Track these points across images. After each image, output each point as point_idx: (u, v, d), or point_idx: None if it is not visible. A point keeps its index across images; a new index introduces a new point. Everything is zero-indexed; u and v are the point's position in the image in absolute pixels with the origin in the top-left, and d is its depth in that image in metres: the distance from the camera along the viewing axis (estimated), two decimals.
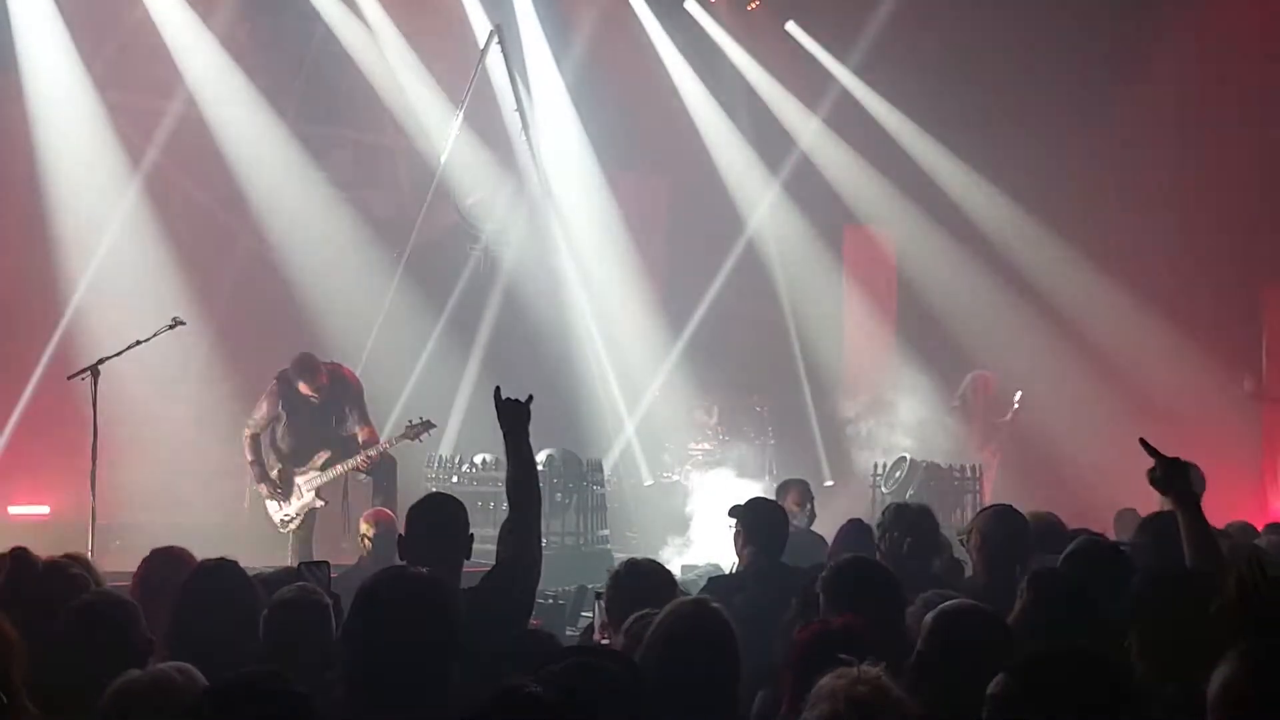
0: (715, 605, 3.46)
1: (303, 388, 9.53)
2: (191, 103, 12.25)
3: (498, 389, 4.46)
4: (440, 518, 4.32)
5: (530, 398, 4.42)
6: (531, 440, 4.43)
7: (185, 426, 11.78)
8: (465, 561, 4.43)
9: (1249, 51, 12.88)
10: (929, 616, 3.45)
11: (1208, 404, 12.86)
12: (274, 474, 9.68)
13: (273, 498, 9.66)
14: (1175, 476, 4.12)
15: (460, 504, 4.46)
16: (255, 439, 9.72)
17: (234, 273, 12.81)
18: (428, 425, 9.84)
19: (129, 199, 11.97)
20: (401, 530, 4.47)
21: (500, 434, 4.42)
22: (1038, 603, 3.84)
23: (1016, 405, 13.11)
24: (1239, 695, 2.02)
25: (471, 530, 4.40)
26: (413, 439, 9.84)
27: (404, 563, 4.20)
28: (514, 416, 4.39)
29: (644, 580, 4.33)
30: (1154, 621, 3.46)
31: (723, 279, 14.65)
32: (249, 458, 9.75)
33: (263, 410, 9.71)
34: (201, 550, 4.54)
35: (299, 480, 9.66)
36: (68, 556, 4.51)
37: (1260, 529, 6.72)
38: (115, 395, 9.23)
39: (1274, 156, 13.14)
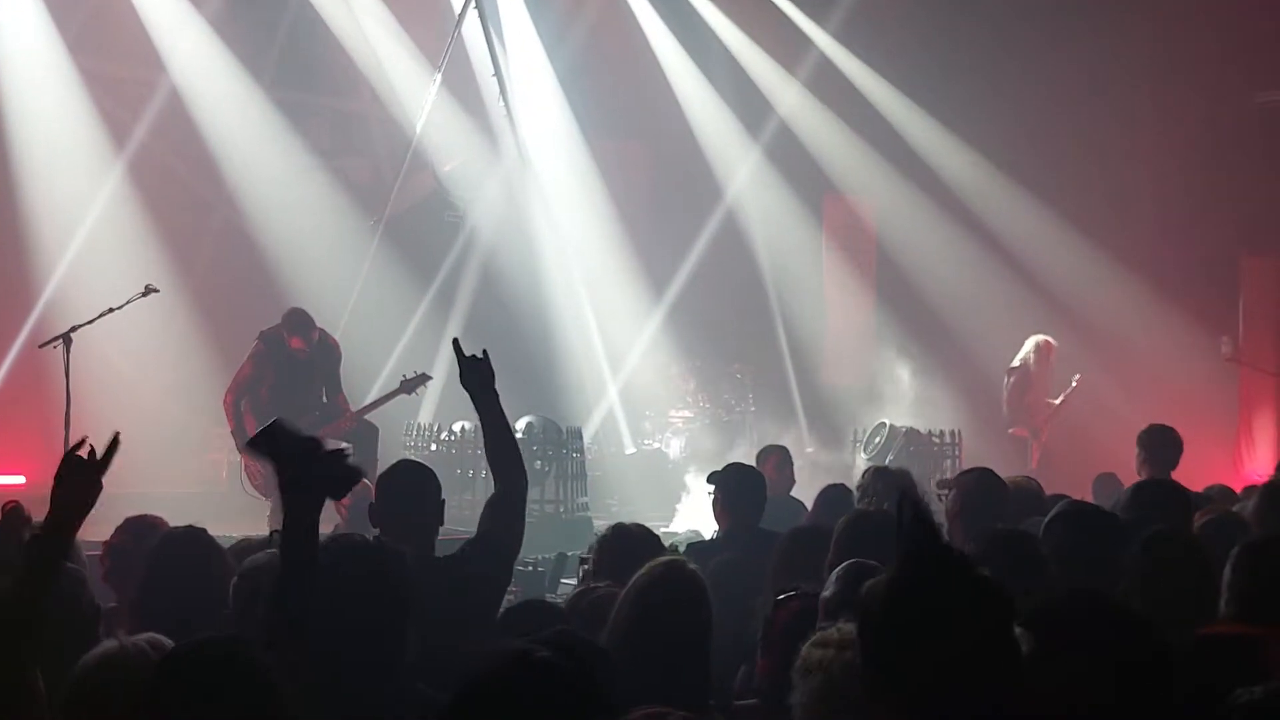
0: (690, 565, 3.46)
1: (296, 342, 9.29)
2: (167, 71, 12.13)
3: (455, 340, 4.34)
4: (410, 485, 4.27)
5: (485, 352, 4.27)
6: (511, 408, 4.34)
7: (162, 396, 11.72)
8: (439, 528, 4.39)
9: (1228, 16, 12.86)
10: None
11: (1187, 368, 12.91)
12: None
13: (255, 461, 9.48)
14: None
15: (431, 471, 4.41)
16: (236, 404, 9.43)
17: (210, 242, 12.74)
18: (424, 378, 9.69)
19: (104, 168, 11.87)
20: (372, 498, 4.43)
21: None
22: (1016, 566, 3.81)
23: (1074, 386, 12.36)
24: (866, 606, 2.07)
25: (443, 497, 4.35)
26: (409, 393, 9.73)
27: (376, 530, 4.18)
28: (478, 376, 4.25)
29: (632, 543, 4.29)
30: (1153, 579, 3.46)
31: (702, 246, 14.61)
32: (230, 424, 9.57)
33: (246, 371, 9.44)
34: (177, 520, 4.51)
35: None
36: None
37: (1238, 491, 6.74)
38: (91, 365, 9.17)
39: (1252, 122, 13.15)
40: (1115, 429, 11.85)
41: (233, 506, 9.71)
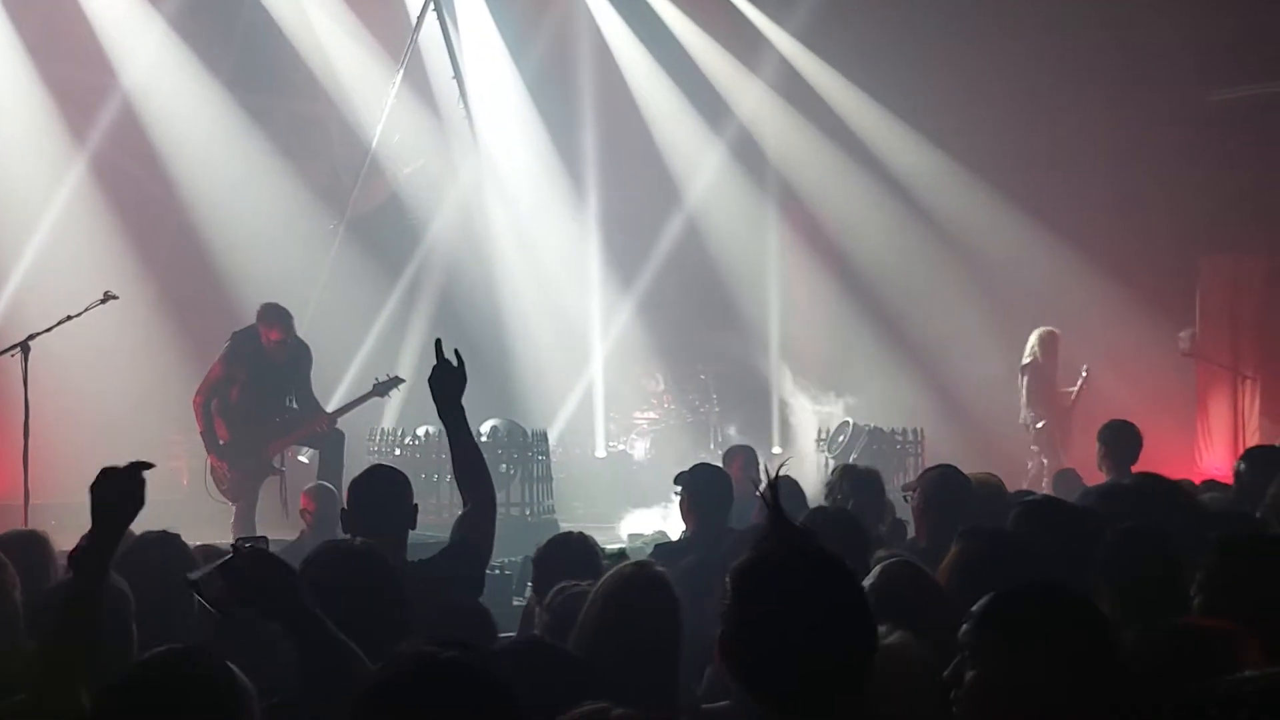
0: (658, 568, 3.46)
1: (275, 334, 9.13)
2: (124, 74, 12.02)
3: (439, 341, 4.31)
4: (383, 489, 4.27)
5: (460, 358, 4.25)
6: (476, 411, 4.34)
7: (122, 404, 11.60)
8: (410, 533, 4.38)
9: (1184, 16, 12.99)
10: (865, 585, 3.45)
11: (1146, 363, 13.05)
12: (222, 442, 9.27)
13: (223, 464, 9.33)
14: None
15: (404, 476, 4.41)
16: (206, 405, 9.24)
17: (168, 247, 12.62)
18: (396, 380, 9.61)
19: (61, 174, 11.75)
20: (344, 504, 4.41)
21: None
22: (964, 559, 3.82)
23: (1085, 375, 12.29)
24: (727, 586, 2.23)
25: (415, 501, 4.35)
26: (382, 395, 9.66)
27: (347, 535, 4.16)
28: (447, 383, 4.23)
29: (567, 552, 4.32)
30: (1127, 574, 3.49)
31: (666, 247, 14.63)
32: (199, 426, 9.37)
33: (216, 372, 9.26)
34: (140, 528, 4.45)
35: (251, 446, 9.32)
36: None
37: (1197, 484, 6.81)
38: (49, 373, 9.05)
39: (1209, 121, 13.30)
40: (1075, 423, 11.99)
41: (195, 514, 9.59)
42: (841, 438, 12.17)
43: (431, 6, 12.61)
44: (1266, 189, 12.85)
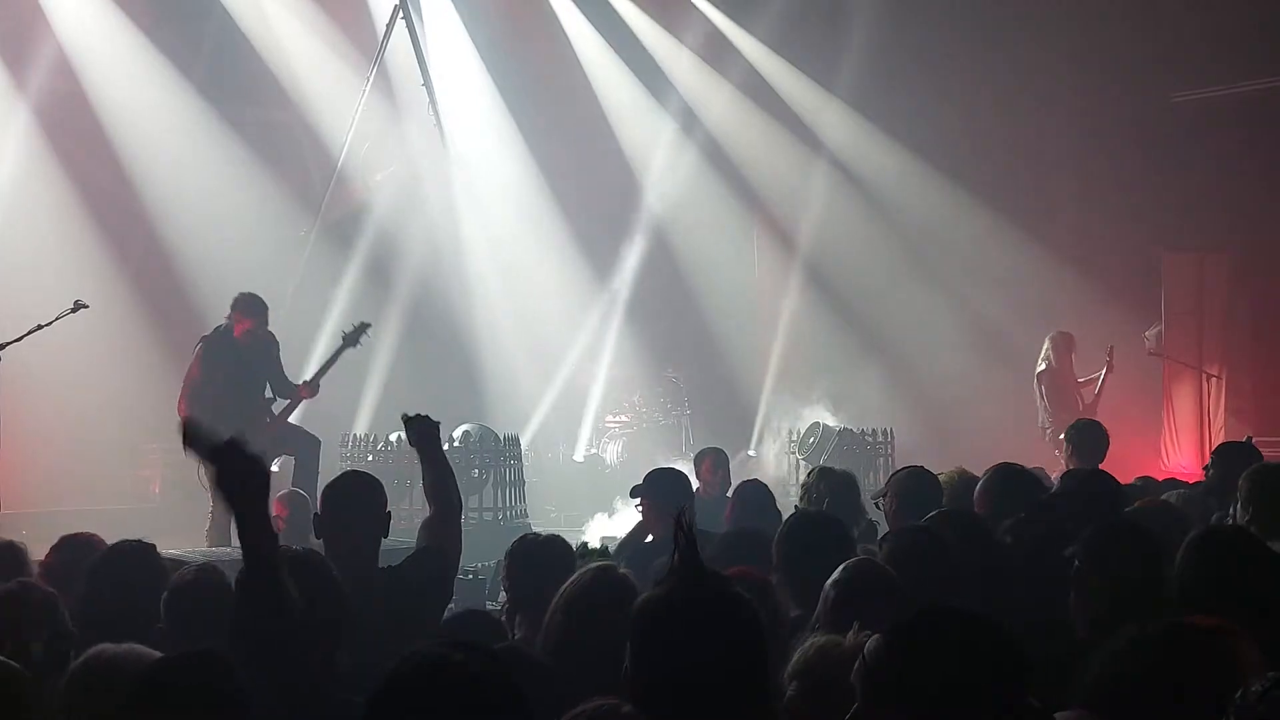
0: (620, 569, 3.48)
1: (248, 324, 9.04)
2: (94, 82, 11.98)
3: (404, 416, 4.62)
4: (356, 495, 4.28)
5: (430, 419, 4.55)
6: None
7: (93, 413, 11.55)
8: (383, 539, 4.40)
9: (1147, 17, 13.12)
10: (828, 584, 3.49)
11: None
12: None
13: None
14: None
15: (377, 481, 4.43)
16: (192, 407, 8.94)
17: (138, 255, 12.57)
18: (364, 327, 9.50)
19: (28, 184, 11.69)
20: (317, 509, 4.43)
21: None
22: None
23: (1109, 359, 12.14)
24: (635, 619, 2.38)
25: (389, 509, 4.37)
26: (354, 345, 9.57)
27: (319, 541, 4.18)
28: (424, 433, 4.48)
29: (540, 553, 4.26)
30: (1101, 572, 3.53)
31: (638, 251, 14.68)
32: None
33: (194, 374, 9.09)
34: (112, 538, 4.47)
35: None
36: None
37: (1161, 482, 6.90)
38: (19, 382, 9.02)
39: (1172, 122, 13.43)
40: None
41: (166, 522, 9.60)
42: (812, 439, 12.23)
43: (400, 15, 12.61)
44: (1230, 188, 12.99)
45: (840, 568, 3.49)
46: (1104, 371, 12.22)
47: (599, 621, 3.22)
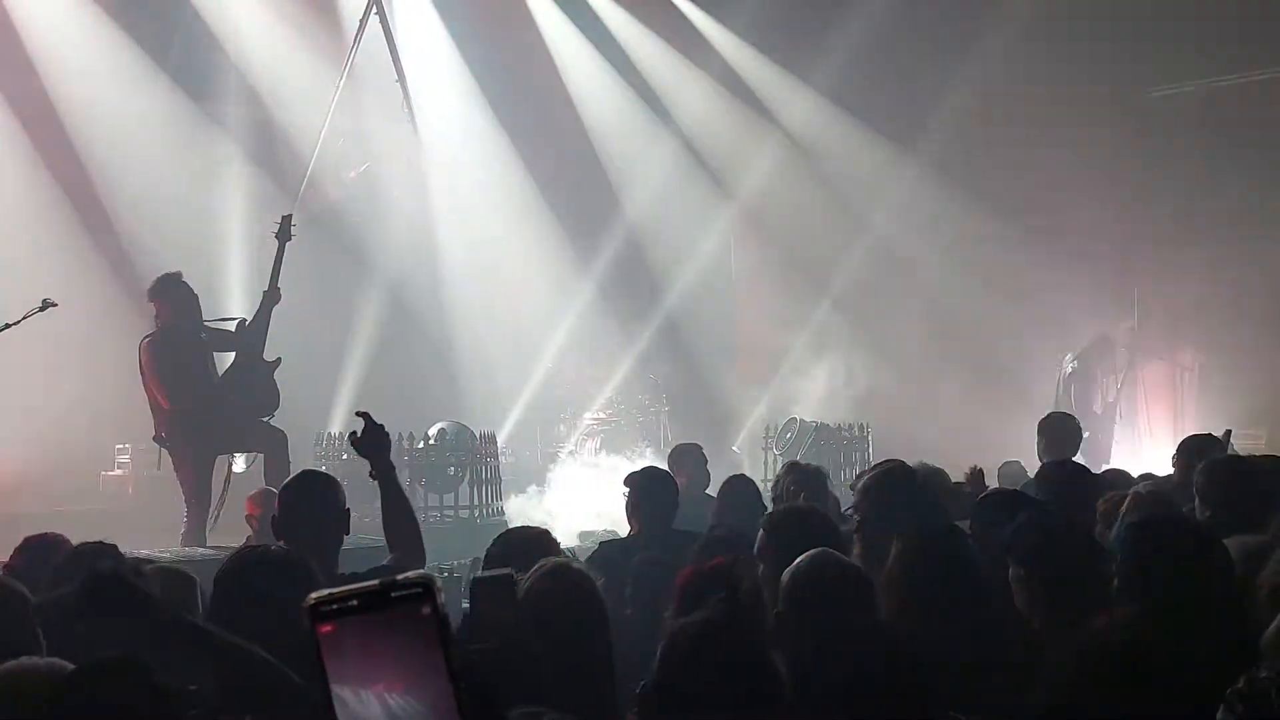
0: (575, 565, 3.44)
1: (168, 305, 8.59)
2: (63, 80, 11.87)
3: (362, 413, 4.38)
4: (313, 495, 4.21)
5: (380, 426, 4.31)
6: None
7: (65, 414, 11.44)
8: (351, 538, 4.35)
9: (1125, 13, 13.17)
10: (786, 574, 3.41)
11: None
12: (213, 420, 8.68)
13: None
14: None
15: (334, 480, 4.36)
16: (177, 409, 8.63)
17: (110, 253, 12.47)
18: (286, 218, 9.14)
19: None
20: (275, 510, 4.34)
21: (391, 416, 4.38)
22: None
23: (1128, 360, 12.41)
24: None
25: (348, 506, 4.30)
26: (288, 239, 9.14)
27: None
28: (373, 443, 4.26)
29: (522, 546, 4.15)
30: (1045, 565, 3.51)
31: (613, 247, 14.65)
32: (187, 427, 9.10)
33: (167, 377, 8.58)
34: (82, 539, 4.41)
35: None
36: None
37: (1135, 476, 6.91)
38: None
39: (1149, 117, 13.50)
40: (1016, 415, 12.11)
41: (139, 524, 9.49)
42: (789, 434, 12.24)
43: (374, 9, 12.53)
44: (1205, 183, 13.05)
45: (804, 558, 3.44)
46: (1120, 375, 12.42)
47: (557, 621, 3.16)
